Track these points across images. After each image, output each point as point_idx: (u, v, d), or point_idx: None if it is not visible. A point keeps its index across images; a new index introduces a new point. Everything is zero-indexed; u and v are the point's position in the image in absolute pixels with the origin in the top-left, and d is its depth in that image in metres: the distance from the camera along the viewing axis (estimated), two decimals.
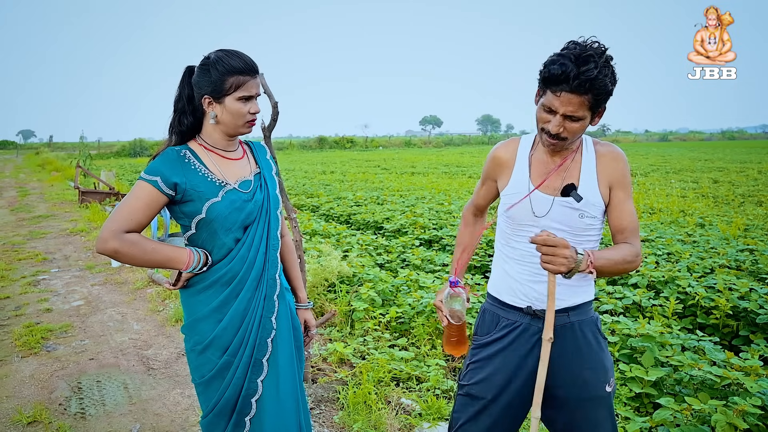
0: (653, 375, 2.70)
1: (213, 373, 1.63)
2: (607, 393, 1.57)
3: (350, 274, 4.77)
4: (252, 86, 1.58)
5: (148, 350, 3.78)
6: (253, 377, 1.64)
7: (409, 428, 2.67)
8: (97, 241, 1.48)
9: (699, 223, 7.94)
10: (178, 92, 1.64)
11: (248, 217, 1.62)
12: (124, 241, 1.46)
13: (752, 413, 2.34)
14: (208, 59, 1.58)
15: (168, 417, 2.87)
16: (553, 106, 1.41)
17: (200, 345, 1.63)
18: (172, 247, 1.55)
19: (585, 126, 1.45)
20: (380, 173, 18.92)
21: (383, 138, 67.03)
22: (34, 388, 3.20)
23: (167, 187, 1.52)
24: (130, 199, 1.52)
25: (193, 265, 1.56)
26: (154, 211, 1.54)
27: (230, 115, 1.58)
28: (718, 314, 3.81)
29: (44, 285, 5.43)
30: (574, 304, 1.57)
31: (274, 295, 1.68)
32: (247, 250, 1.62)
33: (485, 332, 1.65)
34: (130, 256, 1.47)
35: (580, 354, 1.56)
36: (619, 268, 1.46)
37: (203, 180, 1.58)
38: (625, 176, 1.54)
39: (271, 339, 1.67)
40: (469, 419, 1.62)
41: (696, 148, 40.56)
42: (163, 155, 1.58)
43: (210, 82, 1.56)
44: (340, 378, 3.18)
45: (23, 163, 31.51)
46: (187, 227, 1.61)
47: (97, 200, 10.83)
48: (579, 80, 1.34)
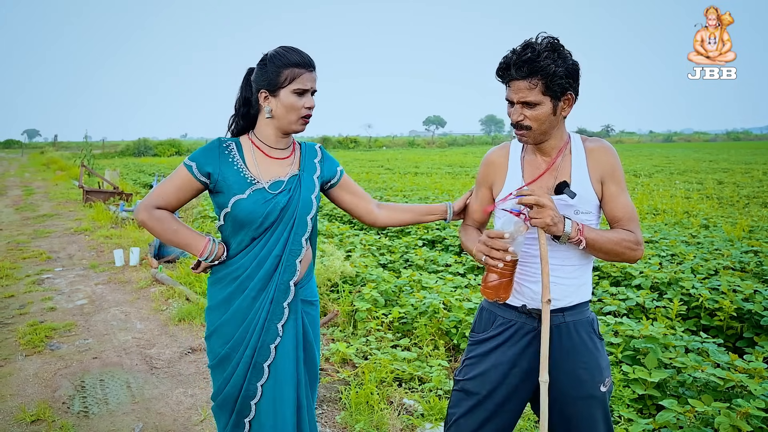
0: (656, 377, 2.70)
1: (217, 361, 1.69)
2: (601, 393, 1.58)
3: (353, 275, 4.77)
4: (307, 80, 1.59)
5: (151, 349, 3.79)
6: (252, 379, 1.64)
7: (411, 429, 2.66)
8: (134, 209, 1.60)
9: (703, 224, 7.90)
10: (238, 93, 1.69)
11: (267, 218, 1.61)
12: (152, 215, 1.59)
13: (756, 416, 2.33)
14: (266, 56, 1.61)
15: (171, 416, 2.87)
16: (509, 97, 1.50)
17: (209, 330, 1.70)
18: (193, 233, 1.62)
19: (547, 113, 1.47)
20: (384, 173, 18.92)
21: (387, 138, 67.05)
22: (37, 387, 3.21)
23: (201, 175, 1.61)
24: (168, 179, 1.63)
25: (206, 254, 1.61)
26: (186, 194, 1.63)
27: (284, 109, 1.59)
28: (722, 316, 3.80)
29: (48, 284, 5.45)
30: (569, 304, 1.58)
31: (284, 302, 1.65)
32: (260, 249, 1.63)
33: (482, 330, 1.68)
34: (155, 231, 1.60)
35: (575, 353, 1.57)
36: (615, 248, 1.49)
37: (236, 174, 1.61)
38: (615, 169, 1.56)
39: (275, 345, 1.65)
40: (464, 414, 1.63)
41: (700, 149, 40.42)
42: (208, 144, 1.66)
43: (266, 77, 1.59)
44: (343, 378, 3.18)
45: (28, 162, 31.65)
46: (218, 218, 1.67)
47: (101, 199, 10.86)
48: (518, 65, 1.43)
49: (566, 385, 1.56)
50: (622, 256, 1.51)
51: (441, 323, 3.67)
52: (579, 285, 1.59)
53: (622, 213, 1.55)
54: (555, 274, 1.55)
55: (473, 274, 5.00)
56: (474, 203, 1.78)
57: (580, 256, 1.58)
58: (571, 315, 1.58)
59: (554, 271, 1.55)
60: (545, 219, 1.40)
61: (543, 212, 1.40)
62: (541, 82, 1.43)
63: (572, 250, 1.56)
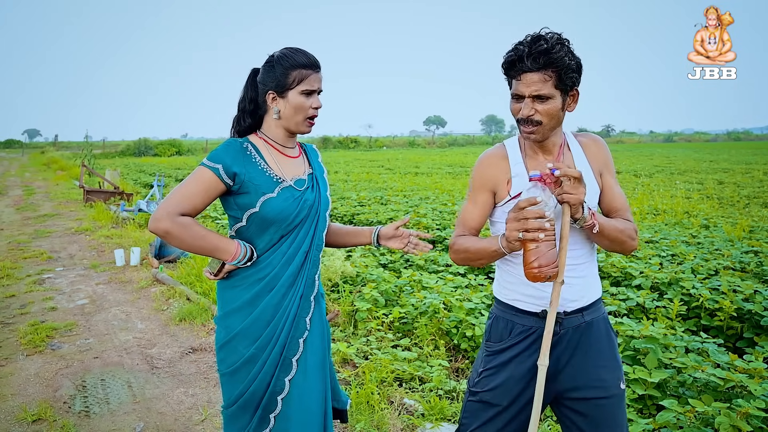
0: (657, 377, 2.70)
1: (239, 365, 1.65)
2: (621, 390, 1.56)
3: (353, 275, 4.78)
4: (314, 81, 1.62)
5: (152, 349, 3.79)
6: (281, 375, 1.65)
7: (412, 428, 2.67)
8: (150, 220, 1.51)
9: (703, 224, 7.90)
10: (243, 93, 1.68)
11: (299, 215, 1.63)
12: (177, 222, 1.50)
13: (756, 416, 2.34)
14: (272, 57, 1.62)
15: (171, 416, 2.88)
16: (519, 91, 1.44)
17: (230, 335, 1.65)
18: (221, 237, 1.58)
19: (557, 108, 1.44)
20: (384, 173, 18.92)
21: (387, 138, 67.06)
22: (38, 386, 3.22)
23: (227, 176, 1.56)
24: (190, 182, 1.55)
25: (239, 257, 1.58)
26: (211, 198, 1.57)
27: (293, 110, 1.61)
28: (723, 316, 3.80)
29: (49, 284, 5.46)
30: (586, 303, 1.56)
31: (311, 296, 1.69)
32: (288, 246, 1.64)
33: (498, 339, 1.62)
34: (180, 239, 1.51)
35: (597, 353, 1.55)
36: (619, 236, 1.50)
37: (261, 174, 1.60)
38: (609, 160, 1.60)
39: (304, 339, 1.67)
40: (481, 425, 1.60)
41: (701, 149, 40.40)
42: (227, 145, 1.61)
43: (274, 78, 1.60)
44: (343, 378, 3.19)
45: (29, 162, 31.67)
46: (238, 219, 1.63)
47: (101, 199, 10.87)
48: (533, 55, 1.39)
49: (591, 389, 1.54)
50: (623, 245, 1.52)
51: (441, 323, 3.67)
52: (591, 282, 1.59)
53: (620, 203, 1.57)
54: (567, 275, 1.51)
55: (473, 274, 5.00)
56: (473, 211, 1.62)
57: (587, 252, 1.57)
58: (590, 314, 1.57)
59: (568, 273, 1.51)
60: (580, 195, 1.36)
61: (579, 188, 1.36)
62: (555, 75, 1.40)
63: (580, 248, 1.55)
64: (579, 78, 1.47)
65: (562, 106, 1.46)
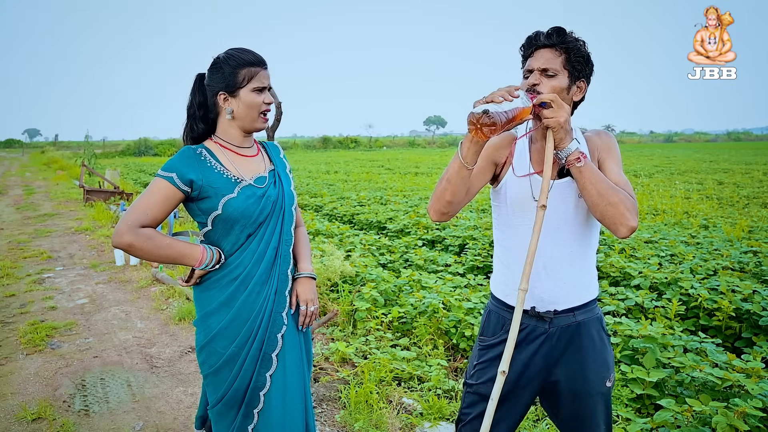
0: (655, 376, 2.71)
1: (220, 364, 1.67)
2: (607, 388, 1.61)
3: (353, 274, 4.78)
4: (263, 77, 1.64)
5: (152, 348, 3.80)
6: (261, 371, 1.67)
7: (410, 428, 2.68)
8: (113, 235, 1.51)
9: (703, 224, 7.91)
10: (190, 99, 1.68)
11: (262, 212, 1.64)
12: (140, 235, 1.50)
13: (753, 415, 2.34)
14: (218, 59, 1.63)
15: (171, 415, 2.88)
16: (531, 66, 1.51)
17: (209, 337, 1.67)
18: (186, 244, 1.59)
19: (562, 87, 1.48)
20: (384, 173, 18.93)
21: (387, 138, 67.07)
22: (38, 386, 3.23)
23: (183, 184, 1.56)
24: (147, 194, 1.56)
25: (206, 262, 1.60)
26: (170, 207, 1.58)
27: (246, 108, 1.62)
28: (721, 316, 3.81)
29: (49, 283, 5.46)
30: (579, 303, 1.58)
31: (285, 291, 1.71)
32: (258, 244, 1.65)
33: (491, 333, 1.67)
34: (145, 251, 1.51)
35: (585, 353, 1.58)
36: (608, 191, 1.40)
37: (219, 176, 1.61)
38: (612, 147, 1.56)
39: (282, 334, 1.69)
40: (478, 415, 1.65)
41: (701, 149, 40.42)
42: (180, 153, 1.62)
43: (223, 79, 1.61)
44: (342, 377, 3.20)
45: (29, 162, 31.68)
46: (204, 224, 1.64)
47: (102, 199, 10.88)
48: (549, 33, 1.50)
49: (574, 383, 1.59)
50: (617, 208, 1.39)
51: (440, 323, 3.68)
52: (585, 282, 1.59)
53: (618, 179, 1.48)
54: (560, 274, 1.54)
55: (473, 274, 5.01)
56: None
57: (582, 249, 1.57)
58: (582, 314, 1.58)
59: (559, 271, 1.54)
60: (559, 118, 1.38)
61: (559, 112, 1.38)
62: (564, 55, 1.48)
63: (574, 245, 1.54)
64: (587, 71, 1.52)
65: (568, 89, 1.50)
